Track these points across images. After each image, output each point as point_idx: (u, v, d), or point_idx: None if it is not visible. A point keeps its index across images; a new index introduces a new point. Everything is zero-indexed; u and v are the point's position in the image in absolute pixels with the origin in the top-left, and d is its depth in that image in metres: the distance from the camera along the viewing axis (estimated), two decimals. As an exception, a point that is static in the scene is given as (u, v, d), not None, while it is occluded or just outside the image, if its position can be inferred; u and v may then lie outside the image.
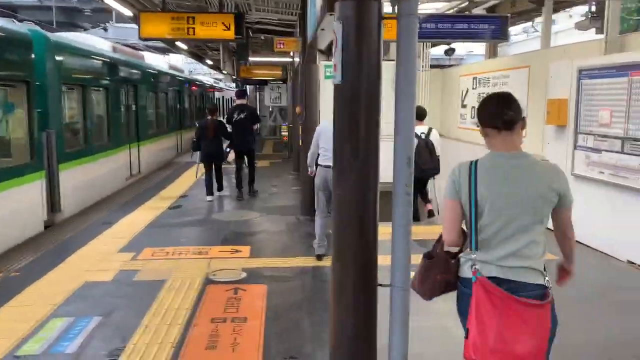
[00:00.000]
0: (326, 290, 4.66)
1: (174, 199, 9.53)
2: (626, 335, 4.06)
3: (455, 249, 2.44)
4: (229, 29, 7.29)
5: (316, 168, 5.79)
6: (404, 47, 2.95)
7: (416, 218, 7.64)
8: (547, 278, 2.24)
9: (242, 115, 9.45)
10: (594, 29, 8.51)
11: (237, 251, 6.17)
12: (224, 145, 9.69)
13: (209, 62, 19.23)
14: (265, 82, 19.43)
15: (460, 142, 10.93)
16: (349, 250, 3.13)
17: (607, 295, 4.85)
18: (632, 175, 5.55)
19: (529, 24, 18.87)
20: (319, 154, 5.75)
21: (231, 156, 10.22)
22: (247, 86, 22.42)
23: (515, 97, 2.36)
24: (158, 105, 14.46)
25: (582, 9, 13.19)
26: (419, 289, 2.57)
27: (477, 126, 2.43)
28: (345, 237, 3.13)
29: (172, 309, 4.46)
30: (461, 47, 19.13)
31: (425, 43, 12.02)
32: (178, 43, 14.00)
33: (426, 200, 7.65)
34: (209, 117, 9.49)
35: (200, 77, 28.72)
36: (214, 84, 31.04)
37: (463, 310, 2.31)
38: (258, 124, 10.27)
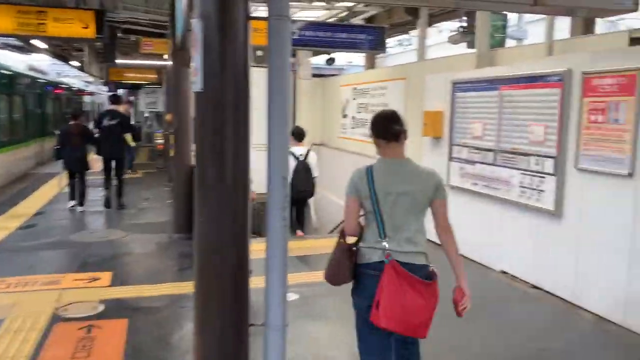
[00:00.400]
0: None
1: (26, 217, 8.37)
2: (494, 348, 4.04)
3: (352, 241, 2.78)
4: (88, 27, 6.50)
5: None
6: (275, 51, 2.59)
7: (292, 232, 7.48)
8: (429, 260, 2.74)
9: (112, 122, 8.82)
10: (464, 44, 8.85)
11: (95, 279, 5.41)
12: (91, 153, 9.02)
13: (75, 63, 17.63)
14: (139, 86, 18.24)
15: (342, 152, 10.88)
16: (217, 287, 2.70)
17: (478, 307, 4.87)
18: (503, 187, 5.69)
19: (406, 36, 19.67)
20: None
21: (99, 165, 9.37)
22: (121, 90, 20.93)
23: (399, 115, 2.83)
24: (12, 111, 12.84)
25: (452, 24, 13.89)
26: (331, 278, 2.85)
27: (370, 137, 2.88)
28: (209, 280, 2.69)
29: (5, 358, 3.68)
30: (341, 58, 19.41)
31: (305, 52, 11.89)
32: (35, 41, 12.54)
33: (302, 225, 7.52)
34: (72, 122, 8.72)
35: (68, 80, 26.44)
36: (84, 87, 28.75)
37: (363, 291, 2.68)
38: (131, 135, 9.45)
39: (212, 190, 2.58)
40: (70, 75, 32.62)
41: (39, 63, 22.45)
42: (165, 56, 11.05)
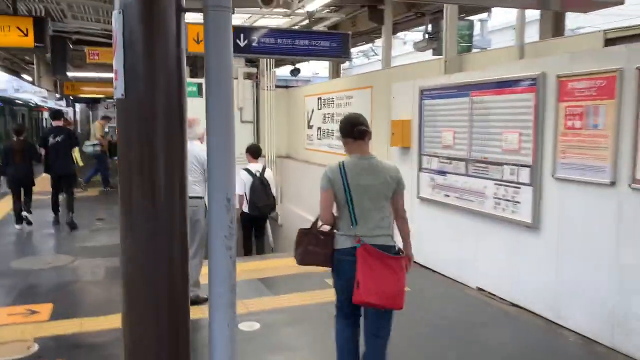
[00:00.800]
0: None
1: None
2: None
3: (326, 229, 3.17)
4: (26, 34, 5.97)
5: None
6: (213, 50, 2.17)
7: (250, 252, 7.24)
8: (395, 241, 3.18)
9: (58, 139, 8.56)
10: (430, 51, 8.62)
11: (32, 312, 4.83)
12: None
13: (27, 77, 16.81)
14: (97, 100, 17.55)
15: (308, 164, 10.48)
16: (149, 327, 2.25)
17: (453, 329, 4.51)
18: (476, 198, 5.37)
19: (369, 46, 19.50)
20: None
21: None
22: (78, 104, 20.14)
23: (364, 117, 3.31)
24: None
25: (416, 35, 13.73)
26: (295, 254, 3.25)
27: (339, 138, 3.31)
28: (140, 317, 2.24)
29: None
30: (307, 69, 19.10)
31: (269, 61, 11.49)
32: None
33: (261, 245, 7.33)
34: (15, 139, 8.51)
35: (25, 96, 25.43)
36: (41, 103, 27.68)
37: (341, 272, 3.09)
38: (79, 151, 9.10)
39: (140, 213, 2.13)
40: (30, 91, 31.51)
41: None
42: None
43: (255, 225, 7.17)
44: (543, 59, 4.83)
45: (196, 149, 4.80)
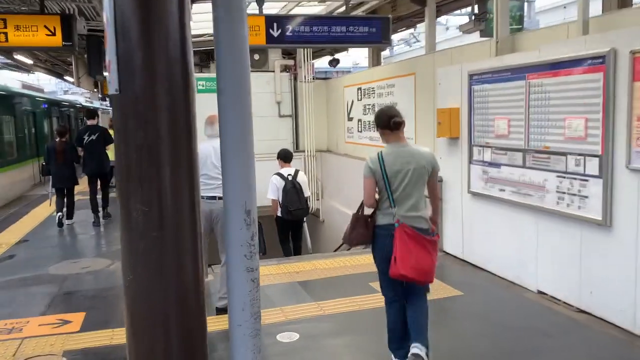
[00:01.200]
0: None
1: (6, 246, 7.67)
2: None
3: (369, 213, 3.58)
4: (54, 33, 5.79)
5: None
6: (225, 36, 1.80)
7: (289, 253, 7.12)
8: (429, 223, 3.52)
9: (92, 137, 8.77)
10: (478, 33, 8.03)
11: (64, 322, 4.64)
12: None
13: (69, 79, 17.07)
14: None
15: (349, 158, 10.07)
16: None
17: (519, 340, 4.02)
18: (536, 193, 4.83)
19: (411, 32, 18.81)
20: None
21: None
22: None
23: (396, 109, 3.70)
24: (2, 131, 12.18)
25: (460, 19, 13.03)
26: (348, 238, 3.64)
27: (376, 129, 3.67)
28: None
29: None
30: (346, 59, 18.61)
31: (306, 52, 11.12)
32: (20, 57, 11.94)
33: (299, 250, 7.15)
34: (58, 140, 8.66)
35: (72, 97, 25.98)
36: (86, 103, 28.28)
37: (380, 247, 3.50)
38: None
39: (143, 239, 1.78)
40: (78, 92, 32.23)
41: (43, 82, 22.06)
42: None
43: (292, 229, 7.06)
44: (613, 32, 4.23)
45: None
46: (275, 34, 6.62)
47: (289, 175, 6.73)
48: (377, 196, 3.51)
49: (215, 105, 1.91)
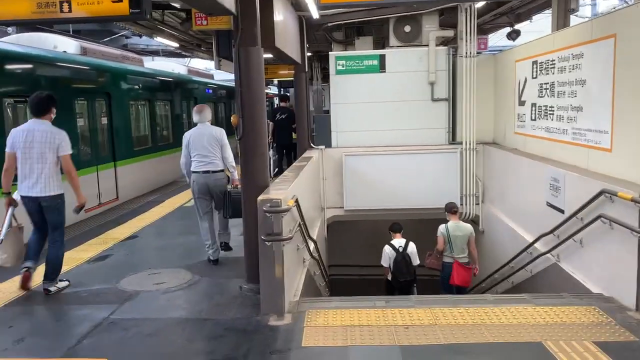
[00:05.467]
0: None
1: (114, 242, 7.13)
2: None
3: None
4: (120, 0, 4.74)
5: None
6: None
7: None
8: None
9: (282, 116, 11.36)
10: None
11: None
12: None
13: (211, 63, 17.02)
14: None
15: (518, 155, 7.69)
16: None
17: None
18: None
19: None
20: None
21: None
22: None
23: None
24: (153, 117, 12.17)
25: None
26: (432, 264, 7.40)
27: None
28: None
29: None
30: (529, 30, 15.38)
31: (469, 20, 8.86)
32: (162, 40, 11.67)
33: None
34: None
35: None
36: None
37: (445, 275, 7.17)
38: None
39: None
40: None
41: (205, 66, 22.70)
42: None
43: (400, 292, 7.17)
44: None
45: (212, 130, 5.93)
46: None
47: (400, 247, 7.18)
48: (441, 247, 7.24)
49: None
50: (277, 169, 11.40)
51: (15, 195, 4.98)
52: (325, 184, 9.51)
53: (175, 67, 15.88)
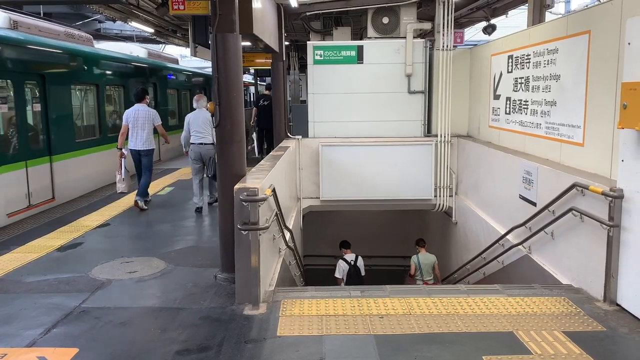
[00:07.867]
0: None
1: (85, 229, 6.98)
2: None
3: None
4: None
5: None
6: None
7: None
8: None
9: (265, 103, 12.71)
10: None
11: (41, 365, 3.46)
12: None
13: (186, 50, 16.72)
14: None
15: (492, 148, 7.79)
16: None
17: None
18: None
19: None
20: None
21: None
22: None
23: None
24: (102, 104, 10.62)
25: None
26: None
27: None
28: None
29: None
30: (505, 25, 15.58)
31: (447, 13, 8.91)
32: (137, 25, 11.42)
33: None
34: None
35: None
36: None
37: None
38: None
39: None
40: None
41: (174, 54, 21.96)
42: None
43: None
44: None
45: (206, 114, 8.06)
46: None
47: (351, 260, 8.39)
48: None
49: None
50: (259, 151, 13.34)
51: (125, 150, 8.28)
52: (302, 173, 9.49)
53: (133, 49, 14.43)
